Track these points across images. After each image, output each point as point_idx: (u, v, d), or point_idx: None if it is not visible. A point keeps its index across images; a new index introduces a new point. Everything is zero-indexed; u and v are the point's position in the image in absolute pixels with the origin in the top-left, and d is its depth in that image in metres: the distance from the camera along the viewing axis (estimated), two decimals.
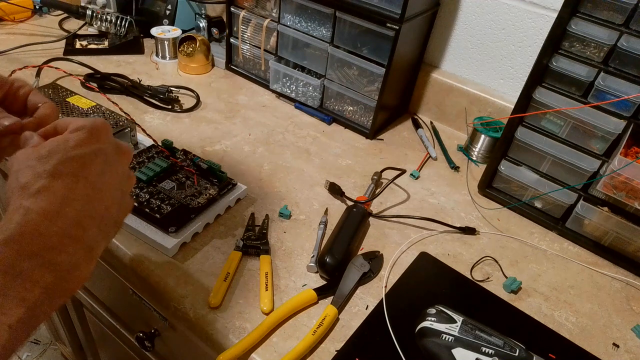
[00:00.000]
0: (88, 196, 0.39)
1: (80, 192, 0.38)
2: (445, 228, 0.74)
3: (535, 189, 0.77)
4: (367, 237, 0.72)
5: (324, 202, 0.77)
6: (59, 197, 0.37)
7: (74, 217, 0.37)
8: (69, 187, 0.37)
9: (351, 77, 0.92)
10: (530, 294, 0.66)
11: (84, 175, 0.39)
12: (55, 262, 0.35)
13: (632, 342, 0.62)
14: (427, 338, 0.55)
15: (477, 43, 0.94)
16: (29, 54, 1.03)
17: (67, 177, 0.38)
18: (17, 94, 0.48)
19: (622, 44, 0.63)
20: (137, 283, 0.65)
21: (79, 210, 0.38)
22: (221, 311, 0.58)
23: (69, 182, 0.38)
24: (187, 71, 1.06)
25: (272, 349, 0.55)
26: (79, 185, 0.38)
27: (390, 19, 0.81)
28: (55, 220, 0.36)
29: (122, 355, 0.96)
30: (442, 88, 0.98)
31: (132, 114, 0.85)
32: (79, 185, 0.38)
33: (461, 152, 0.94)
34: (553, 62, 0.68)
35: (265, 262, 0.64)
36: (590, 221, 0.73)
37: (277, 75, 1.01)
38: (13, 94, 0.48)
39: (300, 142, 0.90)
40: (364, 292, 0.63)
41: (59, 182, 0.37)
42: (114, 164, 0.42)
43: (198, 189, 0.70)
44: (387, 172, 0.82)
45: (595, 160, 0.70)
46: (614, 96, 0.65)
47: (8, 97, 0.48)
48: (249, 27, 1.00)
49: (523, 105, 0.73)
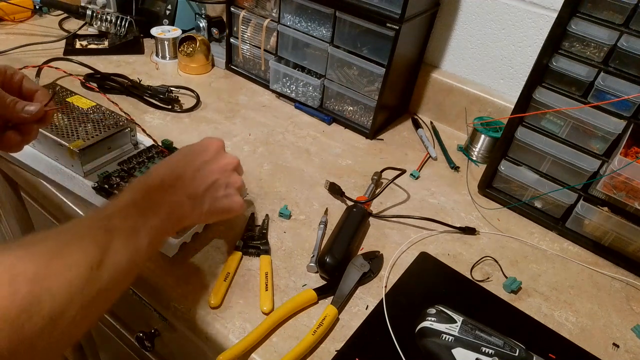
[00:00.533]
0: (184, 175, 0.53)
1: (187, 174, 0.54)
2: (445, 228, 0.74)
3: (535, 189, 0.77)
4: (367, 237, 0.72)
5: (324, 202, 0.77)
6: (167, 169, 0.53)
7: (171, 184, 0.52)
8: (173, 169, 0.54)
9: (351, 77, 0.92)
10: (530, 294, 0.66)
11: (183, 168, 0.54)
12: (165, 202, 0.50)
13: (632, 342, 0.62)
14: (427, 338, 0.55)
15: (477, 43, 0.94)
16: (29, 54, 1.03)
17: (174, 163, 0.55)
18: (12, 80, 0.54)
19: (622, 44, 0.62)
20: (137, 283, 0.65)
21: (175, 182, 0.52)
22: (221, 311, 0.58)
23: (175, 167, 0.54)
24: (187, 71, 1.06)
25: (272, 349, 0.55)
26: (181, 170, 0.54)
27: (390, 19, 0.81)
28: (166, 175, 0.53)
29: (122, 355, 0.96)
30: (442, 88, 0.98)
31: (132, 114, 0.85)
32: (179, 170, 0.53)
33: (461, 152, 0.94)
34: (553, 62, 0.68)
35: (265, 262, 0.64)
36: (590, 221, 0.73)
37: (277, 75, 1.01)
38: (9, 81, 0.54)
39: (300, 142, 0.90)
40: (364, 292, 0.63)
41: (169, 165, 0.54)
42: (210, 170, 0.55)
43: None
44: (387, 172, 0.82)
45: (595, 160, 0.70)
46: (614, 96, 0.65)
47: (4, 84, 0.53)
48: (249, 27, 1.00)
49: (523, 105, 0.73)
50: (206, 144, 0.58)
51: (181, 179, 0.53)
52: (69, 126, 0.73)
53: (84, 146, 0.69)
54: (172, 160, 0.55)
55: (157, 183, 0.51)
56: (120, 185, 0.69)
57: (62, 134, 0.71)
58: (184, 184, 0.53)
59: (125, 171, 0.71)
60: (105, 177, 0.69)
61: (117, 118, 0.76)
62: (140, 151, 0.75)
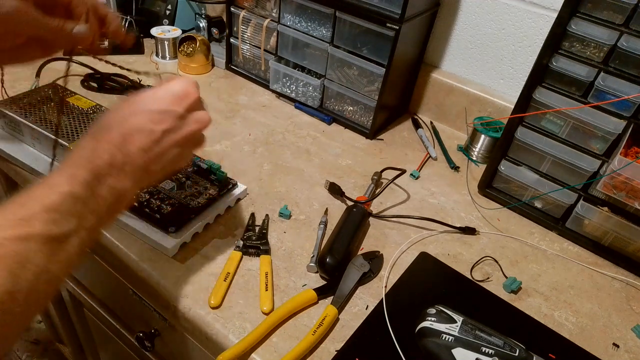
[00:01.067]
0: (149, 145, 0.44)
1: (142, 140, 0.43)
2: (445, 228, 0.74)
3: (535, 189, 0.77)
4: (367, 237, 0.72)
5: (324, 202, 0.77)
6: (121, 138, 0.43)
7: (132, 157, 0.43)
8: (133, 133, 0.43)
9: (351, 77, 0.92)
10: (530, 294, 0.66)
11: (150, 129, 0.44)
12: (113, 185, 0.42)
13: (632, 342, 0.62)
14: (427, 338, 0.55)
15: (477, 43, 0.94)
16: None
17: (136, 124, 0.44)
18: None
19: (622, 44, 0.62)
20: (137, 283, 0.65)
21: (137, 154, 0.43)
22: (221, 311, 0.58)
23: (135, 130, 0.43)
24: (187, 71, 1.06)
25: (272, 349, 0.55)
26: (143, 135, 0.44)
27: (390, 19, 0.81)
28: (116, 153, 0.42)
29: (122, 355, 0.96)
30: (442, 88, 0.98)
31: None
32: (142, 135, 0.44)
33: (461, 152, 0.94)
34: (553, 62, 0.68)
35: (265, 262, 0.64)
36: (590, 221, 0.73)
37: (277, 75, 1.01)
38: None
39: (300, 142, 0.90)
40: (364, 292, 0.63)
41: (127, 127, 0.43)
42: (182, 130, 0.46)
43: (198, 188, 0.70)
44: (387, 172, 0.82)
45: (595, 160, 0.70)
46: (614, 96, 0.65)
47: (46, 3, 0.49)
48: (249, 27, 1.00)
49: (523, 105, 0.73)
50: (171, 100, 0.46)
51: (134, 159, 0.43)
52: (69, 126, 0.73)
53: None
54: (129, 125, 0.44)
55: (105, 165, 0.41)
56: None
57: (62, 134, 0.71)
58: (137, 167, 0.44)
59: None
60: None
61: None
62: None
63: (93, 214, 0.40)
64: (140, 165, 0.43)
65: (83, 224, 0.39)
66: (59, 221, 0.37)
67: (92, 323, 1.06)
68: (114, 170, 0.41)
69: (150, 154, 0.44)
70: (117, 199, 0.42)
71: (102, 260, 0.74)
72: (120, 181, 0.42)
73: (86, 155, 0.41)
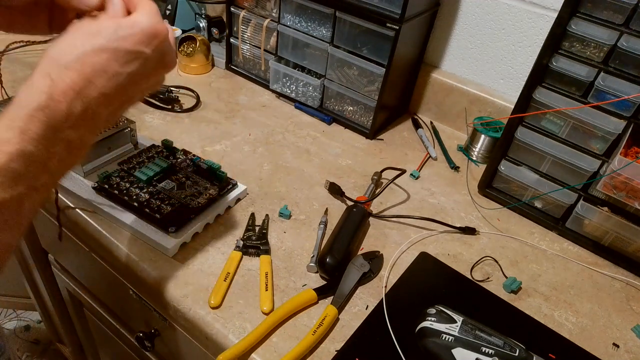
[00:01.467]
0: (112, 90, 0.38)
1: (104, 85, 0.38)
2: (445, 228, 0.74)
3: (535, 189, 0.77)
4: (367, 237, 0.72)
5: (324, 202, 0.77)
6: (82, 81, 0.36)
7: (92, 105, 0.37)
8: (95, 76, 0.37)
9: (351, 77, 0.92)
10: (530, 294, 0.66)
11: (115, 71, 0.38)
12: (69, 139, 0.36)
13: (632, 342, 0.62)
14: (427, 338, 0.55)
15: (477, 43, 0.94)
16: (29, 54, 1.03)
17: (99, 65, 0.37)
18: None
19: (622, 44, 0.62)
20: (137, 283, 0.65)
21: (98, 100, 0.38)
22: (221, 311, 0.58)
23: (98, 72, 0.37)
24: (187, 71, 1.07)
25: (272, 349, 0.55)
26: (105, 78, 0.38)
27: (390, 19, 0.81)
28: (75, 102, 0.36)
29: (122, 355, 0.96)
30: (442, 88, 0.98)
31: (132, 114, 0.85)
32: (105, 78, 0.38)
33: (461, 152, 0.94)
34: (553, 62, 0.68)
35: (265, 262, 0.64)
36: (590, 221, 0.73)
37: (277, 75, 1.01)
38: None
39: (300, 142, 0.90)
40: (364, 292, 0.63)
41: (89, 67, 0.37)
42: (148, 72, 0.41)
43: (198, 188, 0.70)
44: (387, 172, 0.82)
45: (595, 160, 0.70)
46: (614, 96, 0.65)
47: None
48: (249, 27, 1.00)
49: (523, 105, 0.73)
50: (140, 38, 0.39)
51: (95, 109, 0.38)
52: None
53: None
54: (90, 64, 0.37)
55: (61, 117, 0.35)
56: (120, 185, 0.69)
57: None
58: (97, 116, 0.38)
59: (125, 171, 0.71)
60: (105, 177, 0.69)
61: None
62: (140, 151, 0.75)
63: (46, 173, 0.35)
64: (100, 114, 0.39)
65: (34, 184, 0.35)
66: (7, 185, 0.33)
67: (92, 323, 1.06)
68: (71, 121, 0.36)
69: (113, 102, 0.39)
70: (73, 153, 0.38)
71: (102, 260, 0.74)
72: (77, 134, 0.37)
73: (40, 102, 0.34)
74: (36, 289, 1.25)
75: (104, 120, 0.40)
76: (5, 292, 1.61)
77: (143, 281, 0.62)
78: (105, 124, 0.41)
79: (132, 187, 0.68)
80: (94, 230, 0.67)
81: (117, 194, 0.67)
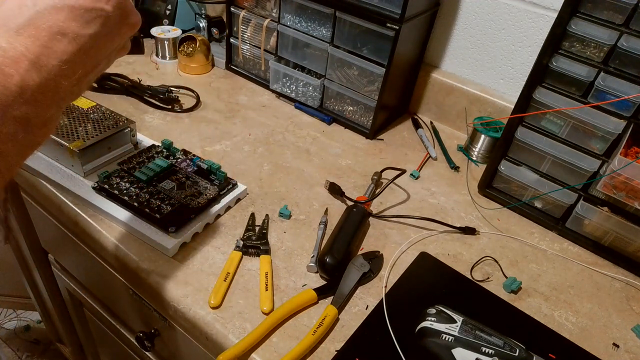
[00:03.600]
0: (73, 56, 0.33)
1: (63, 50, 0.33)
2: (445, 228, 0.74)
3: (535, 189, 0.77)
4: (367, 237, 0.72)
5: (324, 202, 0.77)
6: (38, 47, 0.31)
7: (51, 75, 0.32)
8: (53, 40, 0.32)
9: (351, 77, 0.92)
10: (530, 294, 0.66)
11: (75, 33, 0.33)
12: (25, 117, 0.31)
13: (632, 342, 0.62)
14: (427, 338, 0.55)
15: (477, 43, 0.94)
16: None
17: (56, 27, 0.32)
18: None
19: (622, 44, 0.62)
20: (136, 283, 0.65)
21: (57, 69, 0.32)
22: (221, 311, 0.58)
23: (55, 35, 0.32)
24: (187, 71, 1.06)
25: (272, 349, 0.55)
26: (64, 42, 0.33)
27: (390, 19, 0.81)
28: (29, 73, 0.31)
29: (122, 355, 0.96)
30: (442, 88, 0.98)
31: (132, 114, 0.85)
32: (64, 42, 0.33)
33: (461, 152, 0.94)
34: (553, 62, 0.68)
35: (265, 262, 0.64)
36: (590, 221, 0.73)
37: (277, 75, 1.01)
38: None
39: (300, 142, 0.90)
40: (364, 292, 0.63)
41: (45, 30, 0.31)
42: (112, 34, 0.36)
43: (198, 188, 0.70)
44: (387, 172, 0.82)
45: (595, 160, 0.70)
46: (614, 96, 0.65)
47: None
48: (249, 27, 1.00)
49: (523, 105, 0.73)
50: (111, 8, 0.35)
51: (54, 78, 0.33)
52: (69, 126, 0.73)
53: (84, 146, 0.69)
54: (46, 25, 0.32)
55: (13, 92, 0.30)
56: (120, 185, 0.69)
57: (62, 134, 0.71)
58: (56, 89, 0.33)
59: (125, 171, 0.71)
60: (105, 177, 0.69)
61: (117, 118, 0.76)
62: (140, 151, 0.75)
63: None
64: (63, 86, 0.33)
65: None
66: None
67: (92, 323, 1.06)
68: (27, 96, 0.31)
69: (76, 70, 0.34)
70: (33, 132, 0.32)
71: (102, 261, 0.74)
72: (35, 110, 0.32)
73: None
74: (36, 288, 1.25)
75: (67, 92, 0.34)
76: (5, 292, 1.61)
77: (143, 281, 0.62)
78: (71, 96, 0.36)
79: (132, 187, 0.68)
80: (94, 230, 0.67)
81: (117, 193, 0.67)
